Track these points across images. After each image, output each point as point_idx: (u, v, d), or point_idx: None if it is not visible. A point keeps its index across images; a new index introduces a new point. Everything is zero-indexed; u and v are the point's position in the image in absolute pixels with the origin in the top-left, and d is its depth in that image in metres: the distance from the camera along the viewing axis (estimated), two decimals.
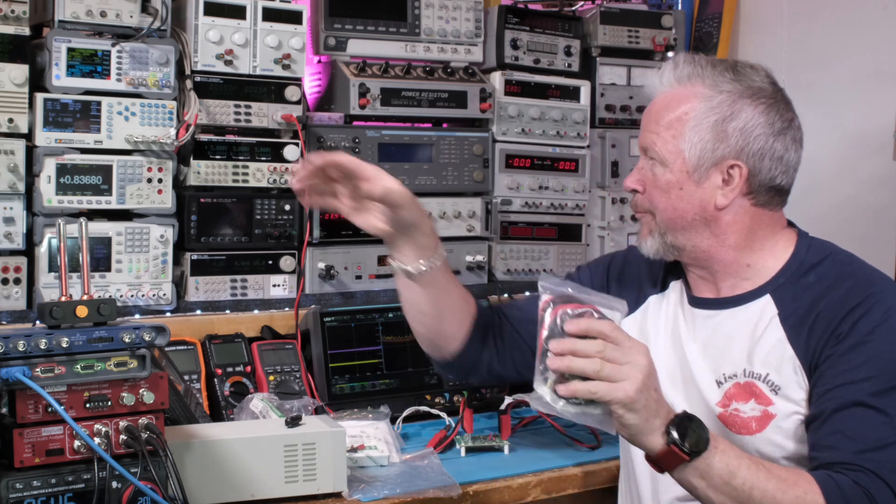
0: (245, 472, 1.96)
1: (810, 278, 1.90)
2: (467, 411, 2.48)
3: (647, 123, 1.95)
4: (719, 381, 1.91)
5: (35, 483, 1.69)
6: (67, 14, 2.52)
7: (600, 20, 3.40)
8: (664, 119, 1.91)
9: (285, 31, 2.80)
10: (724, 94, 1.89)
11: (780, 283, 1.91)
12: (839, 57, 3.37)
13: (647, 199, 1.95)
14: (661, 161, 1.91)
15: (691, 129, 1.88)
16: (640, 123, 3.46)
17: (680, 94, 1.91)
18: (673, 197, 1.91)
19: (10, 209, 2.50)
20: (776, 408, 1.84)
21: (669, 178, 1.91)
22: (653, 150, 1.92)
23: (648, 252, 1.97)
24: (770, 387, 1.85)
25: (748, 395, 1.87)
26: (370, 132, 2.96)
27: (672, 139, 1.89)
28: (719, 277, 1.96)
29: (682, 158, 1.89)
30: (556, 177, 3.28)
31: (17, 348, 1.68)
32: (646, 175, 1.95)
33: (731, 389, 1.89)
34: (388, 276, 2.98)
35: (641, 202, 1.97)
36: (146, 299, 2.65)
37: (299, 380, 2.61)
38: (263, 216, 2.81)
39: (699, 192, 1.90)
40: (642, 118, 1.98)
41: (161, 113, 2.64)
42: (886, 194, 3.19)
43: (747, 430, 1.86)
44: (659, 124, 1.91)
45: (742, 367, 1.89)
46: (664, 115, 1.91)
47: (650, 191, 1.94)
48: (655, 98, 1.96)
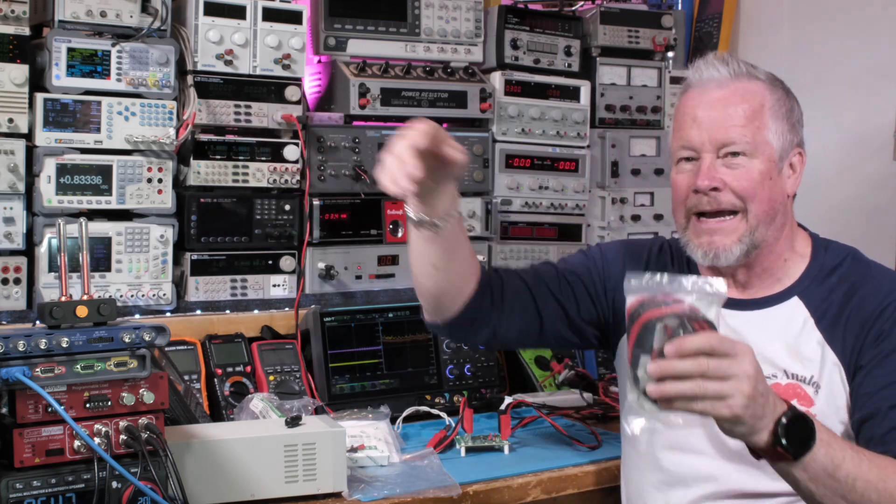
0: (245, 472, 1.96)
1: (833, 280, 1.93)
2: (467, 411, 2.48)
3: (723, 119, 1.88)
4: None
5: (35, 483, 1.69)
6: (67, 14, 2.52)
7: (600, 20, 3.40)
8: (743, 111, 1.88)
9: (285, 31, 2.80)
10: (779, 87, 1.94)
11: (807, 286, 1.94)
12: (839, 57, 3.37)
13: (734, 195, 1.88)
14: (750, 153, 1.87)
15: (773, 119, 1.89)
16: (640, 123, 3.49)
17: (746, 88, 1.91)
18: (767, 188, 1.88)
19: (10, 209, 2.50)
20: (817, 408, 1.86)
21: (762, 169, 1.88)
22: (740, 143, 1.87)
23: (728, 261, 1.90)
24: (814, 388, 1.88)
25: (791, 395, 1.86)
26: (370, 132, 2.96)
27: (758, 130, 1.88)
28: (755, 275, 1.96)
29: (770, 148, 1.89)
30: (556, 177, 3.28)
31: (17, 348, 1.68)
32: (726, 171, 1.88)
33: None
34: (388, 276, 2.98)
35: (728, 199, 1.88)
36: (146, 299, 2.65)
37: (299, 380, 2.61)
38: (263, 216, 2.81)
39: (780, 181, 1.91)
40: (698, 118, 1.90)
41: (161, 113, 2.64)
42: (886, 194, 3.19)
43: None
44: (740, 117, 1.88)
45: (782, 368, 1.90)
46: (741, 106, 1.88)
47: (741, 185, 1.88)
48: (713, 95, 1.90)
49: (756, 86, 1.91)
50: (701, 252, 1.91)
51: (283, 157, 2.82)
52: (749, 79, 1.92)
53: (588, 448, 2.42)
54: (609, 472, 2.31)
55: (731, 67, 1.92)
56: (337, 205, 2.91)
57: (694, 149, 1.91)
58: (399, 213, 2.99)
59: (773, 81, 1.94)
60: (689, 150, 1.92)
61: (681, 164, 1.94)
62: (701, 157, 1.90)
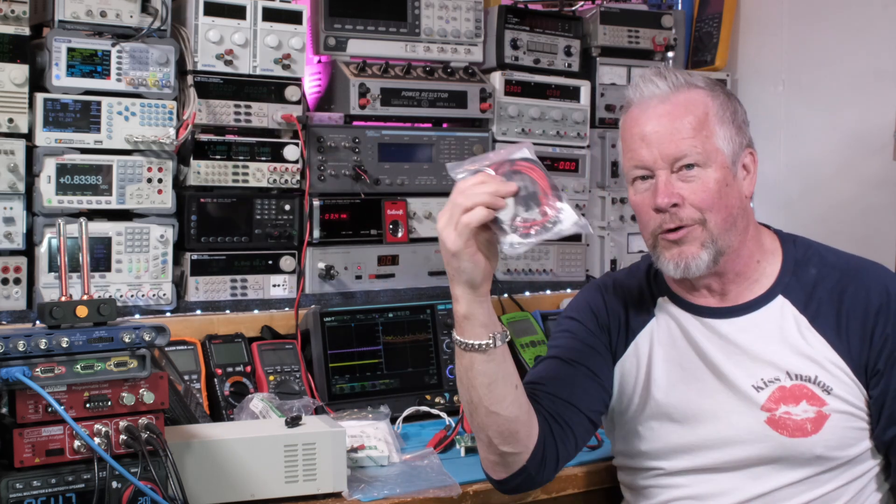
0: (245, 472, 1.96)
1: (811, 272, 1.95)
2: None
3: (671, 134, 1.87)
4: (758, 387, 1.90)
5: (35, 483, 1.69)
6: (67, 14, 2.52)
7: (600, 20, 3.40)
8: (689, 123, 1.87)
9: (285, 31, 2.80)
10: (719, 92, 1.93)
11: (787, 282, 1.95)
12: (839, 57, 3.37)
13: (694, 207, 1.87)
14: (703, 163, 1.87)
15: (719, 125, 1.89)
16: None
17: (688, 98, 1.90)
18: (723, 195, 1.88)
19: (10, 209, 2.50)
20: (830, 407, 1.86)
21: (718, 177, 1.87)
22: (691, 155, 1.86)
23: (699, 269, 1.89)
24: (822, 387, 1.87)
25: (798, 397, 1.87)
26: (370, 132, 2.96)
27: (707, 138, 1.87)
28: (729, 281, 1.95)
29: (721, 155, 1.88)
30: (556, 177, 3.26)
31: (17, 348, 1.68)
32: (682, 185, 1.87)
33: (776, 393, 1.89)
34: (388, 276, 2.98)
35: (688, 214, 1.87)
36: (146, 299, 2.65)
37: (299, 380, 2.61)
38: (263, 216, 2.81)
39: (736, 185, 1.91)
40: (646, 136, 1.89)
41: (161, 113, 2.64)
42: (886, 194, 3.19)
43: (802, 432, 1.86)
44: (687, 129, 1.87)
45: (785, 369, 1.89)
46: (686, 118, 1.88)
47: (699, 197, 1.87)
48: (657, 111, 1.89)
49: (697, 94, 1.91)
50: (672, 265, 1.90)
51: (283, 157, 2.82)
52: (689, 88, 1.91)
53: (588, 448, 2.42)
54: (609, 472, 2.30)
55: (670, 80, 1.91)
56: (337, 205, 2.91)
57: (647, 167, 1.89)
58: (399, 213, 2.99)
59: (713, 87, 1.94)
60: (642, 168, 1.90)
61: (636, 185, 1.93)
62: (655, 175, 1.88)
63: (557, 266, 3.29)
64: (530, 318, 3.03)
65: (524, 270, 3.23)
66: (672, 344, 2.01)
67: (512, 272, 3.21)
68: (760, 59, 3.65)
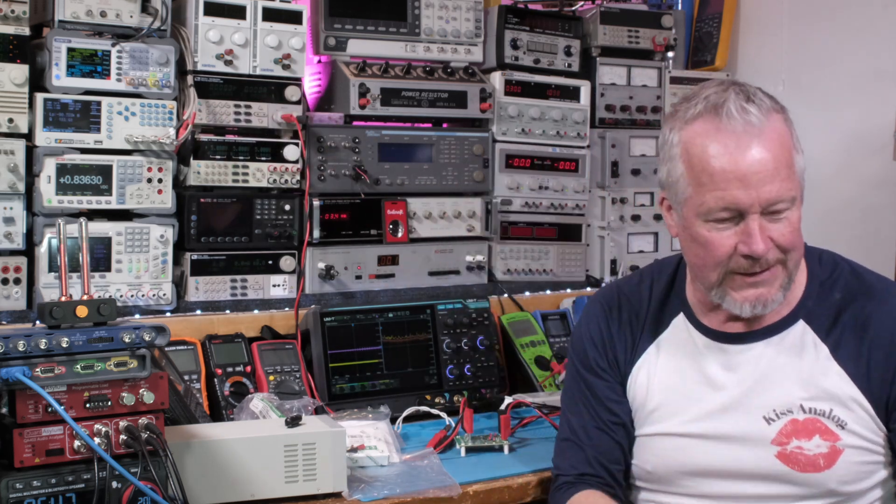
0: (245, 472, 1.96)
1: (835, 295, 1.86)
2: (467, 411, 2.47)
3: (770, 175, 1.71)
4: (769, 419, 1.84)
5: (35, 483, 1.69)
6: (67, 14, 2.52)
7: (600, 20, 3.40)
8: (786, 160, 1.74)
9: (285, 31, 2.80)
10: (784, 109, 1.82)
11: (810, 307, 1.86)
12: (839, 57, 3.37)
13: (781, 248, 1.77)
14: (791, 201, 1.75)
15: (796, 153, 1.78)
16: (640, 123, 3.48)
17: (776, 128, 1.76)
18: (800, 231, 1.79)
19: (10, 209, 2.50)
20: (844, 442, 1.80)
21: (798, 214, 1.77)
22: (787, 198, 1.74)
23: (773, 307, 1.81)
24: (836, 422, 1.81)
25: (811, 431, 1.81)
26: (370, 132, 2.96)
27: (794, 174, 1.76)
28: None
29: (800, 186, 1.78)
30: (556, 177, 3.28)
31: (17, 348, 1.68)
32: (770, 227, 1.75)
33: (788, 426, 1.82)
34: (388, 277, 2.98)
35: (774, 256, 1.77)
36: (146, 299, 2.65)
37: (299, 380, 2.61)
38: (263, 216, 2.81)
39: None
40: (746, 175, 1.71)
41: (161, 113, 2.64)
42: (886, 194, 3.19)
43: (814, 467, 1.81)
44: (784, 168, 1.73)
45: (798, 402, 1.82)
46: (783, 155, 1.74)
47: (787, 239, 1.76)
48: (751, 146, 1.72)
49: (779, 120, 1.77)
50: (748, 305, 1.79)
51: (283, 157, 2.82)
52: (771, 113, 1.76)
53: None
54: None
55: (758, 104, 1.76)
56: (337, 205, 2.91)
57: (742, 210, 1.74)
58: (399, 213, 2.99)
59: (784, 108, 1.81)
60: (730, 210, 1.75)
61: (715, 223, 1.77)
62: (748, 219, 1.74)
63: (557, 266, 3.29)
64: (530, 318, 3.03)
65: (524, 270, 3.23)
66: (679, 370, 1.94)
67: (512, 272, 3.21)
68: (760, 59, 3.65)
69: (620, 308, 2.04)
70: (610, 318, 2.04)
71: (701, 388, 1.91)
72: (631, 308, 2.02)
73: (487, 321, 2.89)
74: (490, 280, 3.17)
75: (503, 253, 3.20)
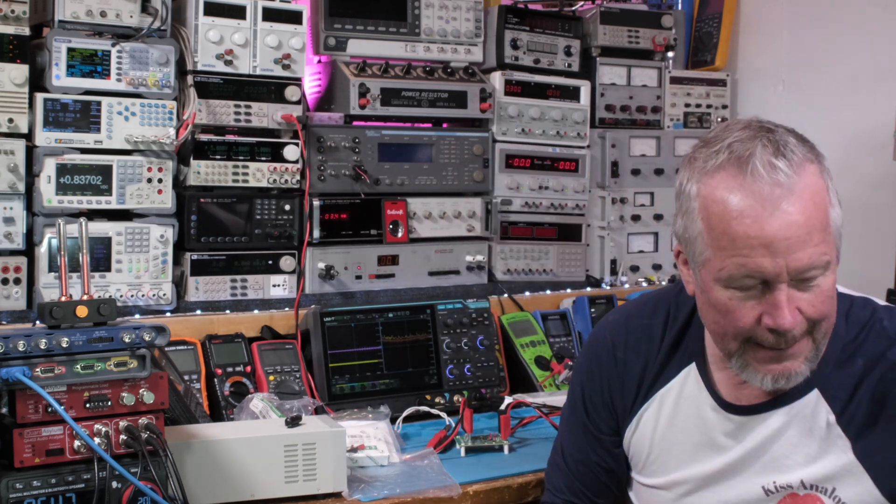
0: (245, 472, 1.96)
1: (858, 362, 1.66)
2: (467, 411, 2.47)
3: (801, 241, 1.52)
4: (768, 490, 1.72)
5: (35, 483, 1.69)
6: (67, 14, 2.52)
7: (600, 20, 3.40)
8: (820, 223, 1.53)
9: (285, 31, 2.80)
10: (821, 157, 1.62)
11: (827, 374, 1.67)
12: (839, 57, 3.37)
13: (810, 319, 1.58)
14: (825, 267, 1.55)
15: (833, 208, 1.57)
16: (640, 123, 3.47)
17: (809, 185, 1.55)
18: (833, 297, 1.60)
19: (10, 209, 2.50)
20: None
21: (833, 279, 1.57)
22: (820, 265, 1.54)
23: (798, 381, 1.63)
24: (836, 501, 1.67)
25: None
26: (370, 132, 2.96)
27: (829, 235, 1.55)
28: None
29: (836, 248, 1.57)
30: (556, 177, 3.28)
31: (17, 348, 1.68)
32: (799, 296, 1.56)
33: (787, 500, 1.70)
34: (388, 277, 2.98)
35: (801, 329, 1.58)
36: (146, 299, 2.65)
37: (299, 380, 2.61)
38: (263, 216, 2.81)
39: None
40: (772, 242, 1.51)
41: (161, 113, 2.64)
42: (886, 194, 3.19)
43: None
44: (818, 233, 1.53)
45: (799, 477, 1.69)
46: (817, 218, 1.53)
47: (818, 310, 1.57)
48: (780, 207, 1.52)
49: (814, 175, 1.56)
50: (770, 379, 1.62)
51: (283, 157, 2.82)
52: (805, 166, 1.56)
53: None
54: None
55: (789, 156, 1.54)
56: (337, 205, 2.91)
57: (764, 277, 1.54)
58: (399, 213, 2.99)
59: (819, 155, 1.60)
60: (753, 278, 1.55)
61: (734, 290, 1.58)
62: (775, 289, 1.54)
63: (557, 266, 3.29)
64: (530, 318, 3.03)
65: (524, 270, 3.24)
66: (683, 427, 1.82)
67: (512, 272, 3.21)
68: (760, 59, 3.65)
69: (627, 347, 1.88)
70: (615, 359, 1.89)
71: (703, 451, 1.79)
72: (639, 349, 1.86)
73: (487, 321, 2.89)
74: (490, 280, 3.17)
75: (503, 253, 3.20)
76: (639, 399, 1.86)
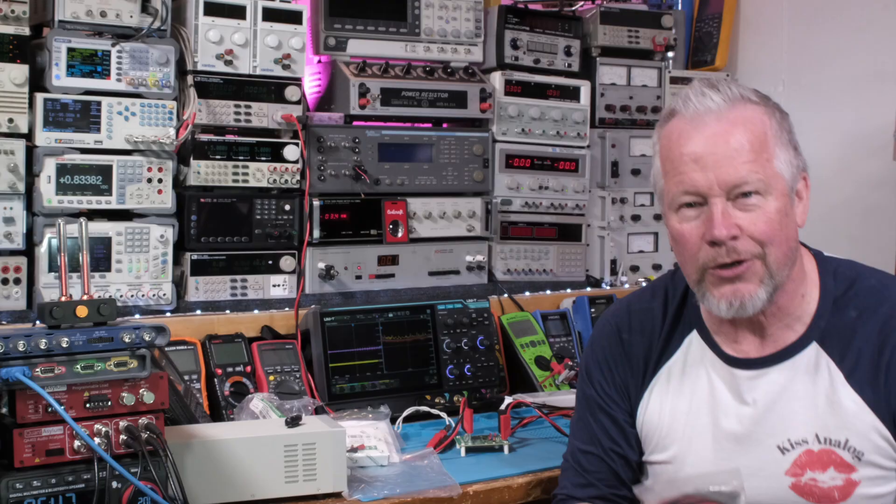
0: (245, 472, 1.96)
1: (851, 314, 1.76)
2: (467, 411, 2.47)
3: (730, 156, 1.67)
4: (783, 448, 1.76)
5: (35, 483, 1.69)
6: (67, 14, 2.52)
7: (600, 20, 3.40)
8: (749, 143, 1.68)
9: (285, 31, 2.80)
10: (774, 107, 1.76)
11: (823, 327, 1.77)
12: (839, 57, 3.37)
13: (753, 240, 1.69)
14: (763, 190, 1.68)
15: (779, 147, 1.71)
16: (640, 123, 3.48)
17: (745, 115, 1.71)
18: (784, 225, 1.70)
19: (10, 209, 2.50)
20: (860, 474, 1.71)
21: (778, 206, 1.69)
22: (752, 182, 1.67)
23: (755, 308, 1.72)
24: (852, 453, 1.72)
25: (825, 462, 1.73)
26: (370, 132, 2.96)
27: (768, 162, 1.69)
28: (770, 323, 1.79)
29: (782, 181, 1.70)
30: (556, 177, 3.28)
31: (17, 348, 1.68)
32: (740, 215, 1.68)
33: (803, 457, 1.74)
34: (388, 277, 2.98)
35: (747, 247, 1.69)
36: (146, 299, 2.65)
37: (299, 380, 2.61)
38: (263, 216, 2.81)
39: (793, 214, 1.74)
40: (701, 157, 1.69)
41: (161, 113, 2.64)
42: (886, 194, 3.19)
43: (829, 499, 1.73)
44: (747, 151, 1.68)
45: (813, 432, 1.74)
46: (745, 138, 1.68)
47: (760, 228, 1.68)
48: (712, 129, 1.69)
49: (754, 110, 1.72)
50: (725, 303, 1.72)
51: (283, 157, 2.82)
52: (745, 103, 1.72)
53: None
54: None
55: (724, 93, 1.72)
56: (337, 205, 2.91)
57: (700, 193, 1.70)
58: (399, 213, 2.99)
59: (767, 102, 1.76)
60: (693, 195, 1.71)
61: (683, 212, 1.73)
62: (710, 203, 1.69)
63: (557, 266, 3.29)
64: (530, 318, 3.03)
65: (524, 270, 3.24)
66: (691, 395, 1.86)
67: (512, 272, 3.21)
68: (760, 59, 3.65)
69: (632, 329, 1.94)
70: (621, 340, 1.95)
71: (714, 417, 1.83)
72: (643, 329, 1.93)
73: (487, 321, 2.89)
74: (490, 280, 3.17)
75: (503, 253, 3.20)
76: (647, 375, 1.92)
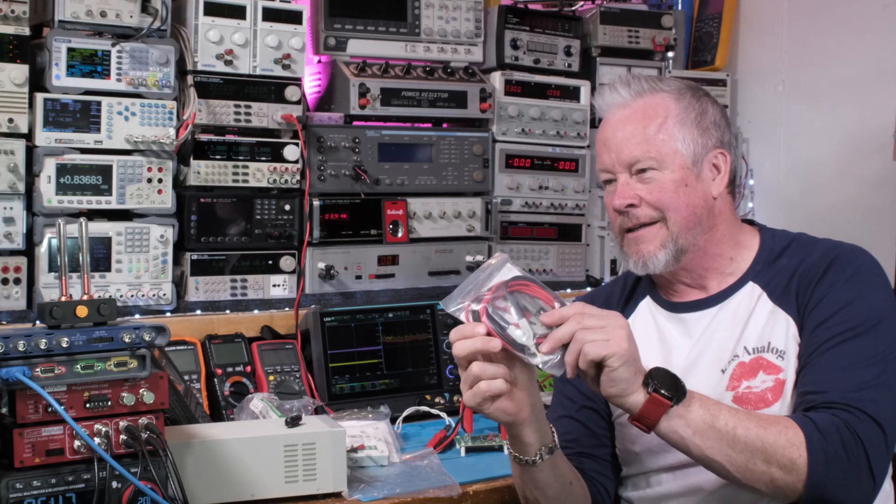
0: (245, 472, 1.96)
1: (783, 261, 1.98)
2: (467, 411, 2.47)
3: (626, 139, 1.95)
4: (723, 368, 1.93)
5: (35, 483, 1.69)
6: (67, 14, 2.52)
7: (600, 20, 3.40)
8: (648, 127, 1.95)
9: (285, 31, 2.80)
10: (686, 94, 1.99)
11: (759, 270, 1.98)
12: (839, 57, 3.37)
13: (652, 207, 1.94)
14: (658, 166, 1.93)
15: (679, 128, 1.95)
16: None
17: (648, 103, 1.97)
18: (682, 194, 1.94)
19: (10, 209, 2.50)
20: (786, 373, 1.88)
21: (675, 178, 1.94)
22: (644, 159, 1.94)
23: (657, 267, 1.96)
24: (776, 354, 1.90)
25: (755, 369, 1.90)
26: (370, 132, 2.96)
27: (664, 142, 1.94)
28: (700, 276, 2.00)
29: (680, 156, 1.94)
30: (556, 177, 3.28)
31: (17, 348, 1.68)
32: (640, 187, 1.95)
33: (737, 370, 1.91)
34: (388, 276, 2.98)
35: (645, 213, 1.95)
36: (146, 299, 2.65)
37: (299, 380, 2.61)
38: (263, 216, 2.81)
39: (700, 186, 1.96)
40: (607, 141, 1.98)
41: (161, 113, 2.64)
42: (886, 194, 3.19)
43: (764, 402, 1.88)
44: (640, 134, 1.95)
45: (742, 346, 1.93)
46: (645, 123, 1.95)
47: (655, 197, 1.94)
48: (617, 117, 1.98)
49: (659, 98, 1.97)
50: (632, 262, 1.98)
51: (283, 157, 2.82)
52: (653, 94, 1.98)
53: None
54: None
55: (633, 88, 1.99)
56: (337, 205, 2.91)
57: (608, 171, 1.99)
58: (399, 213, 2.99)
59: (681, 91, 1.99)
60: (605, 172, 2.00)
61: (607, 188, 2.02)
62: (616, 178, 1.97)
63: (557, 266, 3.29)
64: None
65: (524, 270, 3.23)
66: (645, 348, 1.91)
67: None
68: (760, 59, 3.65)
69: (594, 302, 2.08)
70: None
71: (666, 357, 1.99)
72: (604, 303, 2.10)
73: None
74: None
75: (503, 253, 3.20)
76: None
